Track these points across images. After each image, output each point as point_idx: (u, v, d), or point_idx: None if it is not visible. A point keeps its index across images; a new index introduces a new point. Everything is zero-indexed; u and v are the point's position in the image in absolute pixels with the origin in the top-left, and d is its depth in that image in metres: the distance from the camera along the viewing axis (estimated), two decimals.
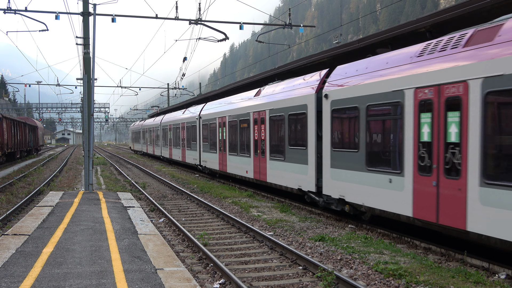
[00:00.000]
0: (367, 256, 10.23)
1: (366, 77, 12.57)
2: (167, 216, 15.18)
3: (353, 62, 14.24)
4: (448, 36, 10.46)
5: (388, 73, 11.70)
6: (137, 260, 8.43)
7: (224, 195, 20.41)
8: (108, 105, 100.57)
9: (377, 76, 12.14)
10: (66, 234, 10.52)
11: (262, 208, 17.20)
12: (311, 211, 16.60)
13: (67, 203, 15.52)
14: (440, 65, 10.01)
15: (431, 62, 10.32)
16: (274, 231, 13.14)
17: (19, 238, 10.05)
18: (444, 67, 9.90)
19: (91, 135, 19.59)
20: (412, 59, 11.06)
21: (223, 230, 13.64)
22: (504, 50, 8.56)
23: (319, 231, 13.16)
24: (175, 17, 24.97)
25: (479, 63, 9.02)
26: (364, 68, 12.99)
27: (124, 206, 15.40)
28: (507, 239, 8.46)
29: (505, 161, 8.79)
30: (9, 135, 41.12)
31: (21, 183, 25.52)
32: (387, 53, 12.81)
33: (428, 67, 10.37)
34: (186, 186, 24.63)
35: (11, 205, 18.19)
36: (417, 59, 10.90)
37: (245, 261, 10.26)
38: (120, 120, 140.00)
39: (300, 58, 19.60)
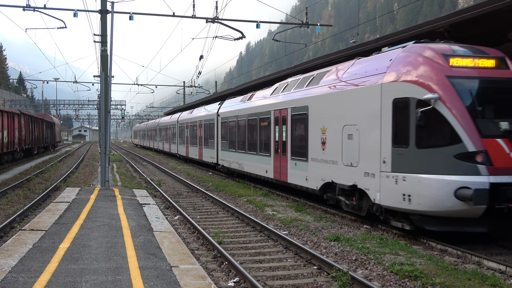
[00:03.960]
0: (383, 257, 10.18)
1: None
2: (182, 213, 15.24)
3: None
4: (285, 81, 20.70)
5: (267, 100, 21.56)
6: (152, 257, 8.47)
7: (239, 193, 20.43)
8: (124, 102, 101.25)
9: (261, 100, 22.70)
10: (82, 230, 10.61)
11: (277, 207, 17.19)
12: (326, 210, 16.55)
13: (84, 199, 15.64)
14: (277, 100, 20.01)
15: (273, 99, 20.71)
16: (288, 230, 13.12)
17: (36, 234, 10.15)
18: (282, 100, 19.42)
19: (107, 132, 19.71)
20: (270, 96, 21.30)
21: (237, 229, 13.65)
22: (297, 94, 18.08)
23: (334, 231, 13.11)
24: (192, 15, 25.02)
25: (290, 101, 18.48)
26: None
27: (139, 203, 15.48)
28: (297, 183, 17.60)
29: (298, 148, 17.60)
30: (27, 131, 41.53)
31: (38, 178, 25.77)
32: (263, 90, 23.60)
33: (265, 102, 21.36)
34: (201, 184, 24.69)
35: (28, 201, 18.38)
36: (270, 96, 21.38)
37: (259, 260, 10.26)
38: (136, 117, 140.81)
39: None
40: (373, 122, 12.67)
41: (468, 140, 10.73)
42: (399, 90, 11.78)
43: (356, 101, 13.60)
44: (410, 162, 11.45)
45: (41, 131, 50.77)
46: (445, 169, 10.88)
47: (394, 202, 11.88)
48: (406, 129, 11.54)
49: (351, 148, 13.76)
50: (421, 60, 11.60)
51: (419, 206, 11.16)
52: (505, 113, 11.26)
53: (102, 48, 22.09)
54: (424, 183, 11.09)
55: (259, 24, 26.04)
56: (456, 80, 11.17)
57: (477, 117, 10.93)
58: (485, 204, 10.49)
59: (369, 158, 12.85)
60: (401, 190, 11.60)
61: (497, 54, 11.87)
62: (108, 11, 22.50)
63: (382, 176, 12.27)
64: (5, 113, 33.26)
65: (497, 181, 10.61)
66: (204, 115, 33.62)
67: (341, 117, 14.45)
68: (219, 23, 25.18)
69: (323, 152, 15.48)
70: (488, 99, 11.37)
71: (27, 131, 41.64)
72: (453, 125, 10.85)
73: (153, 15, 25.56)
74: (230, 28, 25.54)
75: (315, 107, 16.19)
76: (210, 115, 31.78)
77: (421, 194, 11.11)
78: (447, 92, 11.00)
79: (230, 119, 26.81)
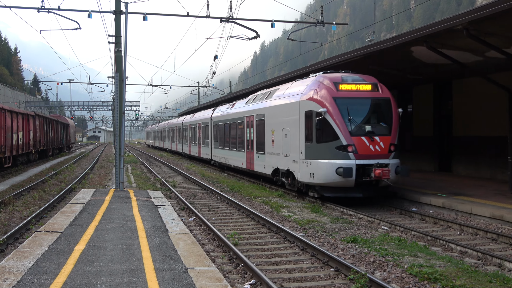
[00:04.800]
0: (401, 259, 10.10)
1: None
2: (197, 215, 15.26)
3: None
4: (254, 94, 26.49)
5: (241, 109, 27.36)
6: (168, 259, 8.49)
7: (254, 194, 20.41)
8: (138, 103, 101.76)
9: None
10: (98, 232, 10.66)
11: (293, 208, 17.15)
12: (342, 211, 16.49)
13: (99, 201, 15.73)
14: (248, 108, 25.54)
15: (245, 108, 26.30)
16: (305, 232, 13.08)
17: (51, 235, 10.22)
18: (249, 109, 25.12)
19: (122, 133, 19.81)
20: (245, 105, 26.91)
21: (253, 230, 13.64)
22: (259, 105, 23.82)
23: (351, 232, 13.04)
24: (206, 15, 25.08)
25: (257, 110, 23.74)
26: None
27: (154, 204, 15.54)
28: (259, 171, 23.11)
29: (259, 145, 22.83)
30: (42, 133, 41.92)
31: (53, 180, 25.99)
32: (242, 100, 29.70)
33: (242, 109, 26.65)
34: (216, 185, 24.72)
35: (43, 202, 18.53)
36: (244, 105, 26.99)
37: (276, 262, 10.24)
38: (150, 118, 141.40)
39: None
40: (296, 126, 18.75)
41: (343, 138, 16.71)
42: (308, 105, 17.87)
43: (288, 112, 19.74)
44: (313, 152, 17.59)
45: (56, 132, 51.22)
46: (330, 156, 16.86)
47: (306, 179, 18.01)
48: (311, 131, 17.61)
49: (286, 144, 19.81)
50: (320, 86, 17.71)
51: (318, 180, 17.31)
52: (368, 120, 17.36)
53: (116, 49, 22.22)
54: (320, 165, 17.16)
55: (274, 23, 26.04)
56: (338, 99, 17.08)
57: (350, 122, 16.88)
58: (352, 177, 16.42)
59: (294, 151, 18.90)
60: (309, 170, 17.73)
61: (372, 81, 17.99)
62: (122, 11, 22.64)
63: (300, 162, 18.36)
64: (20, 115, 33.60)
65: (361, 163, 16.64)
66: (202, 119, 40.06)
67: (281, 122, 20.52)
68: (233, 22, 25.21)
69: (273, 147, 21.56)
70: (358, 111, 17.26)
71: (42, 133, 42.03)
72: (334, 128, 16.81)
73: (167, 15, 25.67)
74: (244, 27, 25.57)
75: (268, 115, 22.40)
76: (206, 119, 38.02)
77: (319, 172, 17.20)
78: (332, 107, 16.90)
79: (219, 122, 32.75)
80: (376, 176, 16.48)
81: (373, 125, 17.19)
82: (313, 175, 17.46)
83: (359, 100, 17.37)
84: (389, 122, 17.46)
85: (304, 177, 18.12)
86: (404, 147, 29.65)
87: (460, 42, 15.67)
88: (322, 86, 17.61)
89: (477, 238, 12.67)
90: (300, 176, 18.43)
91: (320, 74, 18.76)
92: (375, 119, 17.52)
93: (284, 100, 20.48)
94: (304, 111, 18.00)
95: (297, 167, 18.60)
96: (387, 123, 17.42)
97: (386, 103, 17.69)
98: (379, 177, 16.48)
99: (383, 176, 16.47)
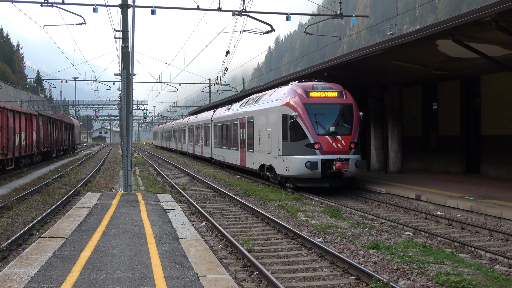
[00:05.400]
0: (426, 266, 10.03)
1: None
2: (209, 220, 15.29)
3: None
4: (247, 98, 31.51)
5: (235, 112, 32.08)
6: (178, 266, 8.50)
7: (270, 198, 20.41)
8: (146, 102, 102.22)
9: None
10: (105, 238, 10.72)
11: (311, 212, 17.12)
12: (363, 216, 16.44)
13: (105, 205, 15.82)
14: (241, 111, 30.22)
15: (238, 111, 31.11)
16: (323, 238, 13.05)
17: (56, 241, 10.29)
18: (241, 112, 29.80)
19: (129, 134, 19.89)
20: (238, 108, 31.62)
21: (268, 236, 13.63)
22: (249, 108, 28.54)
23: (372, 238, 12.99)
24: (218, 8, 25.11)
25: (247, 113, 28.34)
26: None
27: (164, 208, 15.59)
28: (250, 166, 27.99)
29: (250, 144, 27.46)
30: (45, 133, 42.28)
31: (57, 183, 26.19)
32: (237, 103, 34.01)
33: (236, 112, 31.79)
34: (228, 188, 24.76)
35: (47, 206, 18.67)
36: (238, 108, 31.83)
37: (292, 269, 10.22)
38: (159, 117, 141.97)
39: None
40: (276, 127, 23.14)
41: (311, 137, 21.10)
42: (284, 110, 22.30)
43: (270, 115, 24.23)
44: (288, 149, 21.95)
45: (60, 133, 51.62)
46: (301, 152, 21.24)
47: (283, 172, 22.37)
48: (286, 131, 21.96)
49: (269, 143, 24.20)
50: (294, 94, 22.11)
51: (292, 172, 21.63)
52: (333, 122, 21.53)
53: (123, 45, 22.33)
54: (293, 160, 21.48)
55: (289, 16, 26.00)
56: (308, 105, 21.47)
57: (317, 124, 21.28)
58: (318, 170, 20.76)
59: (275, 148, 23.29)
60: (285, 165, 22.07)
61: (339, 88, 22.28)
62: (129, 5, 22.76)
63: (279, 157, 22.71)
64: (23, 115, 33.90)
65: (325, 158, 20.97)
66: (204, 120, 44.57)
67: (265, 124, 25.01)
68: (246, 16, 25.23)
69: (259, 145, 25.90)
70: (324, 114, 21.53)
71: (46, 133, 42.38)
72: (304, 129, 21.23)
73: (176, 8, 25.75)
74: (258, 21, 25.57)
75: (256, 117, 26.82)
76: (207, 120, 42.55)
77: (292, 166, 21.51)
78: (302, 111, 21.33)
79: (218, 123, 37.25)
80: (337, 168, 20.79)
81: (337, 127, 21.50)
82: (288, 169, 21.88)
83: (325, 106, 21.78)
84: (351, 123, 21.70)
85: (281, 171, 22.61)
86: (428, 147, 29.51)
87: (488, 35, 15.55)
88: (295, 94, 22.07)
89: (508, 244, 12.55)
90: (278, 170, 22.97)
91: (296, 83, 23.15)
92: (338, 121, 21.71)
93: (267, 104, 25.15)
94: (281, 114, 22.54)
95: (277, 162, 23.10)
96: (349, 124, 21.70)
97: (349, 107, 21.90)
98: (339, 169, 20.79)
99: (342, 168, 20.82)
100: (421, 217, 16.43)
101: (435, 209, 17.15)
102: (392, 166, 27.76)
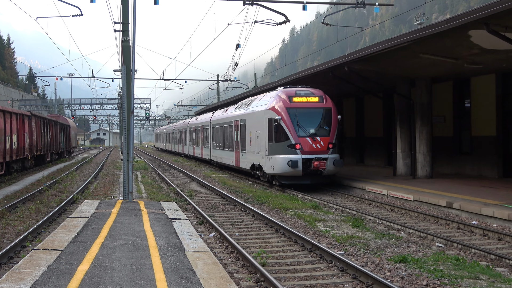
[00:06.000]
0: (460, 282, 9.97)
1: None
2: (219, 230, 15.29)
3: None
4: (242, 101, 36.19)
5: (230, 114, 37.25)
6: (184, 281, 8.51)
7: (285, 206, 20.39)
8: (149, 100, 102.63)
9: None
10: (104, 250, 10.75)
11: (330, 221, 17.08)
12: (389, 226, 16.37)
13: (104, 214, 15.88)
14: (235, 114, 35.26)
15: (233, 113, 35.89)
16: (345, 250, 13.01)
17: (50, 254, 10.34)
18: (236, 114, 34.85)
19: (130, 135, 19.95)
20: (234, 111, 36.60)
21: (284, 248, 13.61)
22: (242, 111, 33.57)
23: (399, 250, 12.93)
24: None
25: (240, 115, 33.21)
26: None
27: (168, 218, 15.62)
28: (242, 166, 32.80)
29: (242, 145, 32.28)
30: (39, 136, 42.50)
31: (52, 190, 26.32)
32: (233, 106, 39.30)
33: (231, 114, 36.36)
34: (239, 195, 24.78)
35: (41, 216, 18.77)
36: (233, 111, 36.68)
37: (310, 285, 10.19)
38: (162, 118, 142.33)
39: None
40: (263, 130, 27.39)
41: (292, 138, 25.24)
42: (270, 113, 26.58)
43: (259, 118, 28.51)
44: (273, 149, 26.23)
45: (55, 135, 51.92)
46: (284, 152, 25.39)
47: (269, 170, 26.74)
48: (271, 133, 26.27)
49: (258, 144, 28.60)
50: (279, 99, 26.39)
51: (276, 170, 25.89)
52: (313, 124, 25.66)
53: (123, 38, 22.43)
54: (277, 159, 25.72)
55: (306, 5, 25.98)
56: (290, 109, 25.64)
57: (298, 127, 25.40)
58: (299, 168, 24.87)
59: (262, 149, 27.56)
60: (271, 164, 26.34)
61: (320, 94, 26.47)
62: None
63: (266, 157, 27.04)
64: (14, 115, 34.10)
65: (305, 157, 25.04)
66: (203, 122, 49.21)
67: (255, 126, 29.39)
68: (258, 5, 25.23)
69: (250, 146, 30.37)
70: (305, 118, 25.66)
71: (39, 136, 42.61)
72: (286, 131, 25.41)
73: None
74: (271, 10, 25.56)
75: (247, 120, 31.40)
76: (206, 122, 47.02)
77: (276, 165, 25.77)
78: (285, 115, 25.52)
79: (216, 125, 41.87)
80: (315, 166, 25.01)
81: (316, 129, 25.75)
82: (273, 167, 26.29)
83: (306, 110, 26.05)
84: (329, 126, 25.96)
85: (268, 169, 27.07)
86: (461, 149, 29.35)
87: None
88: (280, 99, 26.43)
89: None
90: (266, 169, 27.41)
91: (281, 89, 27.82)
92: (318, 124, 25.91)
93: (257, 108, 29.64)
94: (267, 118, 26.96)
95: (264, 161, 27.52)
96: (328, 126, 25.95)
97: (328, 111, 26.20)
98: (317, 168, 25.00)
99: (320, 166, 24.99)
100: (453, 226, 16.34)
101: (469, 218, 17.05)
102: (421, 170, 27.63)
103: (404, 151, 29.39)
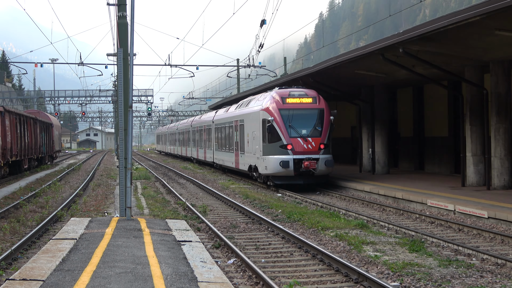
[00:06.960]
0: None
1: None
2: (240, 255, 15.28)
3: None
4: (242, 100, 44.32)
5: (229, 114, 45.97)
6: None
7: (323, 225, 20.33)
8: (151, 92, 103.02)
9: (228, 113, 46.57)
10: (95, 281, 10.78)
11: (381, 244, 17.01)
12: (457, 250, 16.25)
13: (96, 235, 15.95)
14: (235, 113, 43.03)
15: (233, 113, 43.99)
16: (400, 280, 12.94)
17: (29, 285, 10.39)
18: (236, 114, 42.65)
19: (128, 136, 19.98)
20: (234, 110, 44.67)
21: (322, 278, 13.59)
22: (241, 111, 41.59)
23: (470, 281, 12.83)
24: None
25: (239, 115, 40.92)
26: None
27: (176, 240, 15.66)
28: (241, 168, 40.46)
29: (241, 146, 39.89)
30: (14, 137, 42.66)
31: (30, 205, 26.49)
32: (234, 105, 47.40)
33: (232, 114, 44.66)
34: (265, 211, 24.78)
35: (17, 237, 18.90)
36: (234, 110, 44.91)
37: None
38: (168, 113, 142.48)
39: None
40: (258, 130, 33.75)
41: (284, 139, 32.12)
42: (264, 114, 33.26)
43: (254, 118, 35.04)
44: (267, 150, 32.90)
45: (34, 136, 52.24)
46: (276, 153, 32.27)
47: (263, 171, 33.63)
48: (265, 134, 32.95)
49: (254, 145, 35.02)
50: (272, 100, 33.16)
51: (270, 171, 32.79)
52: (305, 125, 32.60)
53: (119, 14, 22.47)
54: (270, 160, 32.46)
55: None
56: (283, 110, 32.45)
57: (290, 128, 32.25)
58: (290, 168, 31.69)
59: (258, 150, 33.92)
60: (264, 164, 33.06)
61: (313, 95, 33.37)
62: None
63: (260, 158, 33.64)
64: None
65: (297, 158, 31.87)
66: (206, 121, 56.07)
67: (251, 127, 35.75)
68: None
69: (248, 147, 36.78)
70: (298, 119, 32.48)
71: (14, 137, 42.80)
72: (278, 132, 32.29)
73: None
74: None
75: (245, 120, 37.89)
76: (209, 121, 53.66)
77: (269, 165, 32.56)
78: (277, 116, 32.31)
79: (218, 125, 48.96)
80: (305, 166, 31.37)
81: (308, 130, 32.37)
82: (266, 168, 32.88)
83: (299, 111, 32.69)
84: (321, 126, 32.50)
85: (262, 170, 33.73)
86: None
87: None
88: (273, 100, 33.01)
89: None
90: (260, 169, 34.09)
91: (275, 90, 34.27)
92: (310, 125, 32.56)
93: (253, 109, 36.10)
94: (261, 118, 33.50)
95: (259, 162, 34.07)
96: (319, 127, 32.49)
97: (320, 112, 32.81)
98: (308, 168, 31.37)
99: (310, 166, 31.37)
100: None
101: None
102: (497, 179, 27.28)
103: (476, 154, 29.10)
